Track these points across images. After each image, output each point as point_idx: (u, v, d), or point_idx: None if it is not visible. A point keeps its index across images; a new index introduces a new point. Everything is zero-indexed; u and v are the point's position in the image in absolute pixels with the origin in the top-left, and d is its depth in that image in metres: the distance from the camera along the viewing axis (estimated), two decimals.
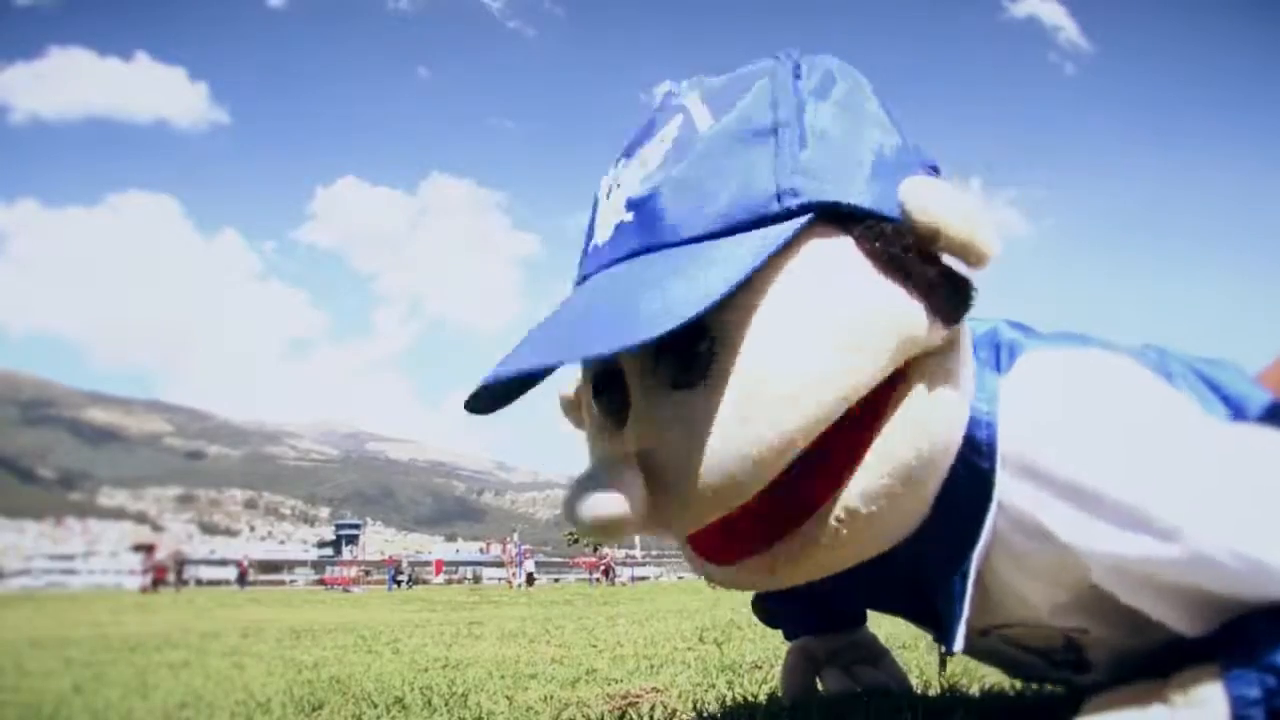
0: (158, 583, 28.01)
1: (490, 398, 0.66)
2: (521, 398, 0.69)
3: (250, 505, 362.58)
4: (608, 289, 0.62)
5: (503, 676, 1.99)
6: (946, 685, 1.36)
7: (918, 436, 0.62)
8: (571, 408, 0.78)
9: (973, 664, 1.69)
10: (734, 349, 0.59)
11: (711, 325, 0.59)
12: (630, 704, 1.44)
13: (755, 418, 0.58)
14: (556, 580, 44.22)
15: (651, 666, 2.07)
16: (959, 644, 0.70)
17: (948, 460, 0.66)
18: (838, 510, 0.62)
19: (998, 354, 0.74)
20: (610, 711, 1.37)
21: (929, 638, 2.33)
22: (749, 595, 1.28)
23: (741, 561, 0.66)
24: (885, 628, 1.25)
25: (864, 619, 1.19)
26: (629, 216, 0.64)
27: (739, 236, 0.60)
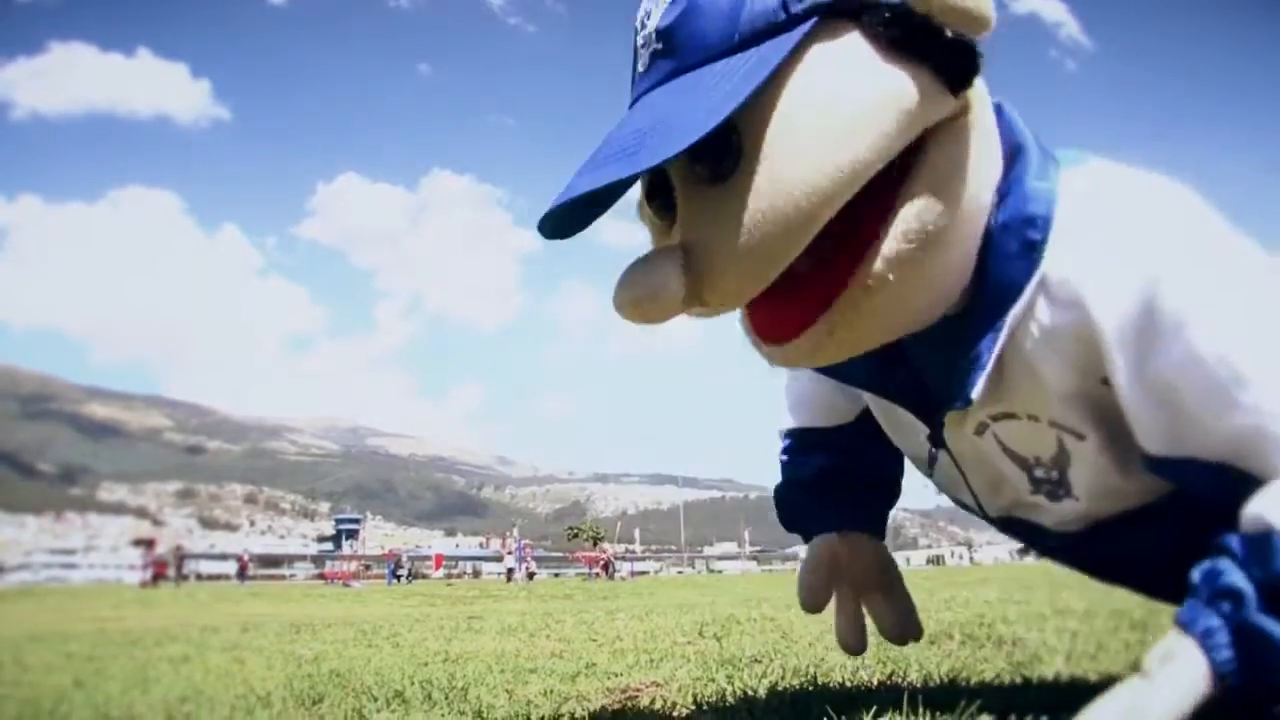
0: (158, 577, 28.09)
1: (558, 224, 0.72)
2: (590, 224, 0.75)
3: (250, 500, 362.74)
4: (648, 112, 0.69)
5: (503, 671, 1.99)
6: (947, 680, 1.36)
7: (935, 201, 0.69)
8: (643, 212, 0.83)
9: (973, 661, 1.69)
10: (758, 142, 0.65)
11: (738, 124, 0.65)
12: (630, 698, 1.44)
13: (780, 199, 0.64)
14: (556, 575, 44.31)
15: (651, 661, 2.07)
16: (976, 391, 0.74)
17: (972, 226, 0.72)
18: (866, 279, 0.68)
19: (1066, 156, 0.79)
20: (610, 705, 1.37)
21: (928, 632, 2.33)
22: (746, 592, 1.28)
23: (792, 340, 0.72)
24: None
25: (883, 529, 1.18)
26: (659, 46, 0.71)
27: (754, 50, 0.66)
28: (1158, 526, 0.80)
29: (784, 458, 1.20)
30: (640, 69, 0.73)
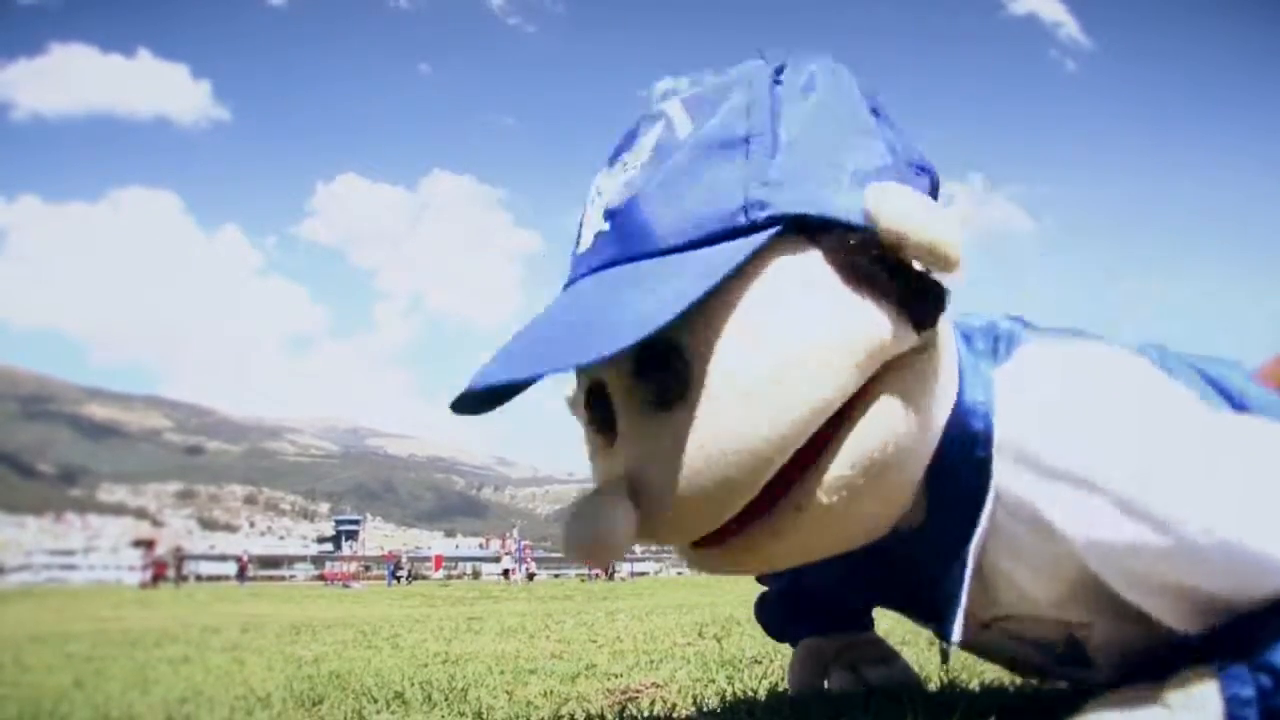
0: (158, 578, 28.10)
1: (476, 402, 0.67)
2: (506, 403, 0.70)
3: (250, 501, 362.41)
4: (581, 301, 0.64)
5: (502, 671, 1.99)
6: (947, 681, 1.35)
7: (885, 433, 0.63)
8: (574, 405, 0.79)
9: (973, 660, 1.69)
10: (704, 371, 0.60)
11: (683, 345, 0.60)
12: (630, 699, 1.44)
13: (729, 443, 0.59)
14: (556, 576, 44.27)
15: (651, 661, 2.07)
16: (957, 634, 0.71)
17: (918, 459, 0.67)
18: (798, 499, 0.63)
19: (995, 345, 0.74)
20: (610, 706, 1.37)
21: (928, 633, 2.33)
22: (751, 591, 1.28)
23: (710, 549, 0.67)
24: (883, 625, 1.25)
25: (870, 622, 1.19)
26: (606, 226, 0.66)
27: (705, 251, 0.61)
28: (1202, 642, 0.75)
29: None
30: (582, 247, 0.68)
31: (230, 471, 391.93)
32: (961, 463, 0.69)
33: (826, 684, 1.16)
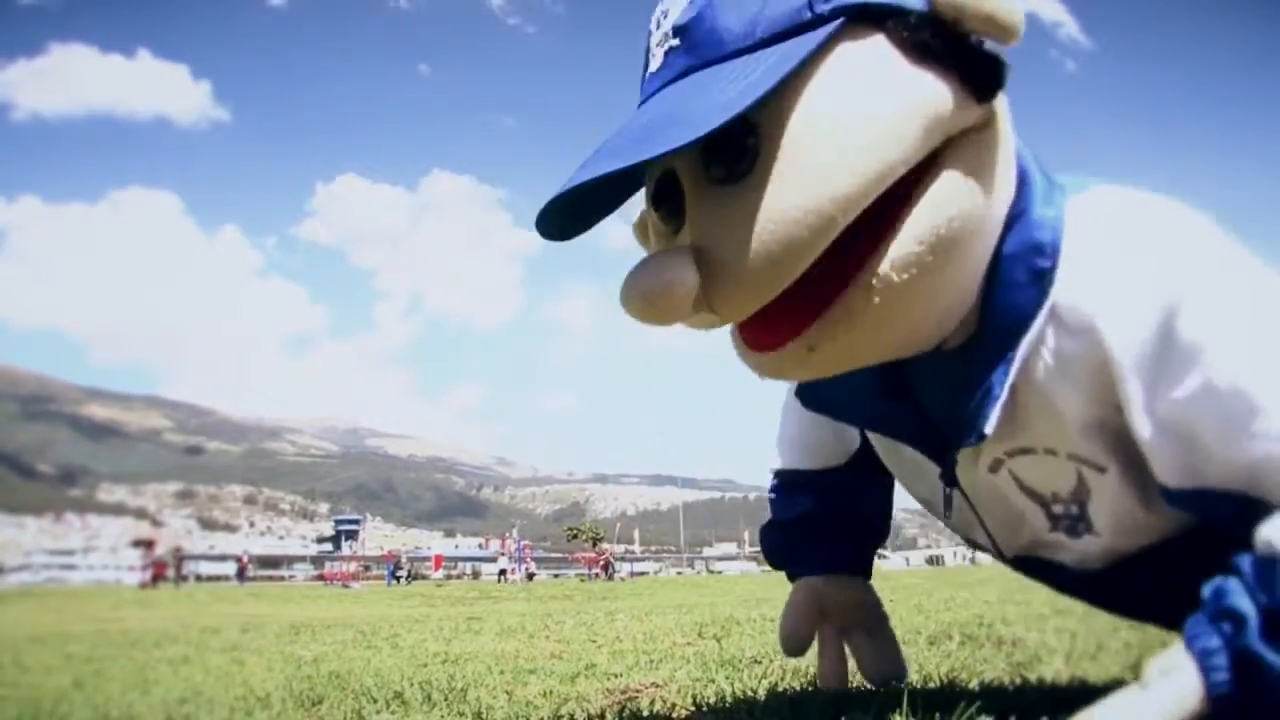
0: (157, 578, 28.09)
1: (559, 222, 0.70)
2: (586, 230, 0.73)
3: (250, 501, 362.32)
4: (660, 105, 0.67)
5: (502, 671, 1.99)
6: (947, 681, 1.36)
7: (950, 208, 0.66)
8: (643, 236, 0.80)
9: (972, 661, 1.69)
10: (775, 143, 0.63)
11: (756, 123, 0.64)
12: (630, 699, 1.44)
13: (798, 202, 0.62)
14: (556, 576, 44.28)
15: (651, 661, 2.07)
16: (990, 426, 0.72)
17: (982, 241, 0.70)
18: (870, 279, 0.65)
19: (1069, 182, 0.77)
20: (610, 706, 1.37)
21: (927, 634, 2.33)
22: (748, 593, 1.28)
23: (782, 347, 0.69)
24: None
25: (869, 568, 1.19)
26: (676, 42, 0.69)
27: (777, 46, 0.64)
28: (1181, 560, 0.76)
29: (771, 496, 1.20)
30: (653, 67, 0.71)
31: (230, 471, 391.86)
32: (1022, 271, 0.71)
33: (816, 637, 1.16)
